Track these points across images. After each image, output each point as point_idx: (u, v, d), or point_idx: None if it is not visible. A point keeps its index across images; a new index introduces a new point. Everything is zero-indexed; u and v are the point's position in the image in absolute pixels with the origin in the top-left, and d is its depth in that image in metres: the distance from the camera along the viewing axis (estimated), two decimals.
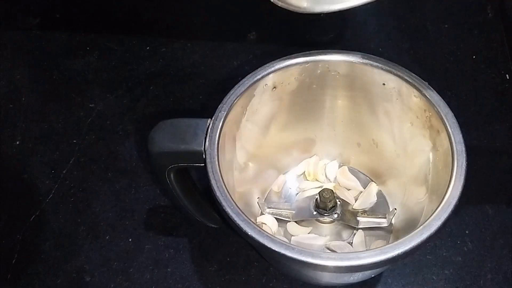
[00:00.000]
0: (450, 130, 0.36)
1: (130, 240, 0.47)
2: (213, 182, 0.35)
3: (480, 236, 0.46)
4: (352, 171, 0.48)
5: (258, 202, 0.45)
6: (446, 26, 0.62)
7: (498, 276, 0.44)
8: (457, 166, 0.35)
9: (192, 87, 0.58)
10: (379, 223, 0.43)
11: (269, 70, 0.40)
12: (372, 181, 0.47)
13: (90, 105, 0.57)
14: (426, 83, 0.39)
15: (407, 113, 0.41)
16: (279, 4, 0.37)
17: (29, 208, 0.49)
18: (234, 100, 0.39)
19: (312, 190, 0.47)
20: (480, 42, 0.60)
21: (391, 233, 0.44)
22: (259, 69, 0.40)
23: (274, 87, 0.42)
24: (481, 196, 0.48)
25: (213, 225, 0.47)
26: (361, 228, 0.44)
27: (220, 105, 0.38)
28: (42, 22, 0.65)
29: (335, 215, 0.43)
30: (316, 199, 0.43)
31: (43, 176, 0.52)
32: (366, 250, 0.33)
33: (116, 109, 0.56)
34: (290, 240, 0.44)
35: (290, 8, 0.37)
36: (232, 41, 0.61)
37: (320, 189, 0.42)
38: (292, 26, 0.62)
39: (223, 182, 0.35)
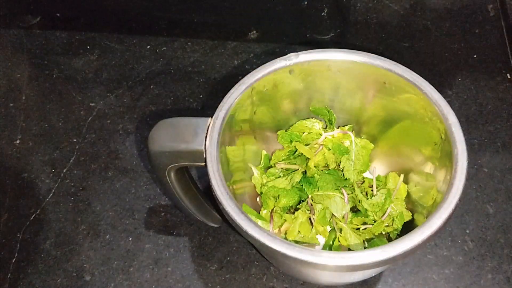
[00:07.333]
0: (450, 129, 0.36)
1: (130, 239, 0.47)
2: (213, 181, 0.35)
3: (480, 236, 0.46)
4: None
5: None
6: (447, 25, 0.62)
7: (498, 275, 0.44)
8: (457, 165, 0.35)
9: (192, 86, 0.58)
10: None
11: (270, 69, 0.40)
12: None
13: (91, 104, 0.57)
14: (427, 82, 0.38)
15: (408, 112, 0.41)
16: None
17: (29, 207, 0.49)
18: (235, 99, 0.39)
19: None
20: (481, 41, 0.60)
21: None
22: (259, 68, 0.40)
23: (275, 86, 0.42)
24: (481, 196, 0.48)
25: (213, 224, 0.46)
26: None
27: (221, 104, 0.38)
28: (43, 21, 0.65)
29: None
30: None
31: (43, 175, 0.52)
32: (367, 249, 0.33)
33: (117, 108, 0.56)
34: None
35: None
36: (233, 40, 0.61)
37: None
38: (293, 25, 0.62)
39: (224, 181, 0.35)
